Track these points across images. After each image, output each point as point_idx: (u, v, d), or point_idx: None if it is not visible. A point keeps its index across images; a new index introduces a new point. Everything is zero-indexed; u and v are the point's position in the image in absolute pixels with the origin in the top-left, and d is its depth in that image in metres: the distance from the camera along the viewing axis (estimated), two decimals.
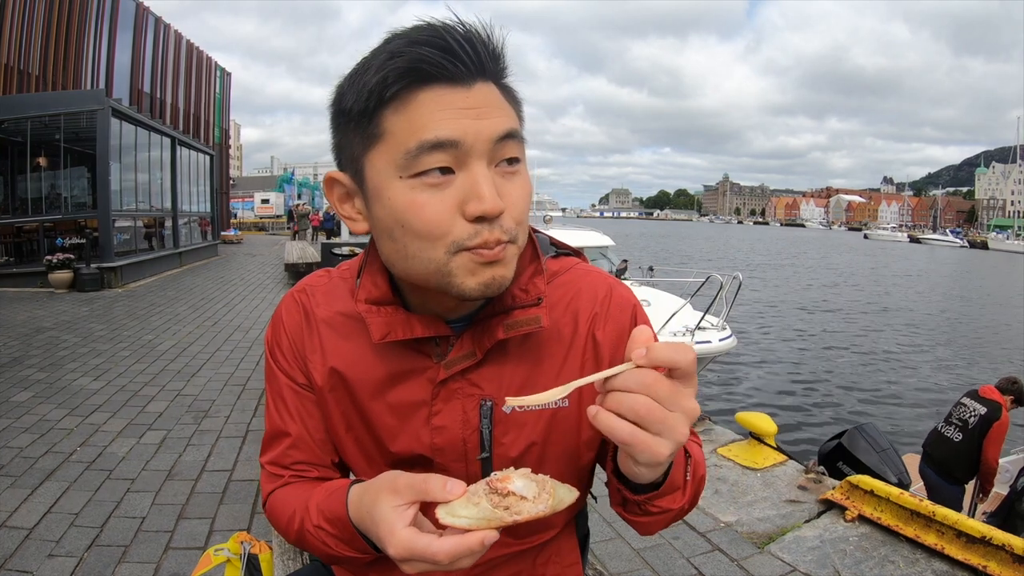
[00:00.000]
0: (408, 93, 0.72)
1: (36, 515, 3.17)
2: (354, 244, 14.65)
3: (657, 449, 0.62)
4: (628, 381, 0.62)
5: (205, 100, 28.55)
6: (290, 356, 0.97)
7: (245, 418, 4.75)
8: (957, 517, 3.03)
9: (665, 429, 0.62)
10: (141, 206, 14.36)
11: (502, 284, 0.78)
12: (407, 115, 0.72)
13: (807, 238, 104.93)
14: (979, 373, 12.99)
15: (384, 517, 0.68)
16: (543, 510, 0.64)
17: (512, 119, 0.78)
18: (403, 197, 0.74)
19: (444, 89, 0.72)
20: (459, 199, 0.73)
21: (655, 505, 0.78)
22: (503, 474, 0.67)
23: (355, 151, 0.77)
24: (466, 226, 0.73)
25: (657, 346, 0.62)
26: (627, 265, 11.28)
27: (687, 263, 28.82)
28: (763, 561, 2.98)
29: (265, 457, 0.99)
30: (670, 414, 0.62)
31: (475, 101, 0.73)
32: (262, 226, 39.54)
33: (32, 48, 16.00)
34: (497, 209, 0.73)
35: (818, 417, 9.74)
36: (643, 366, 0.62)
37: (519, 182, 0.78)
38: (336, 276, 0.99)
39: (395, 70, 0.71)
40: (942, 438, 4.95)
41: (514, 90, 0.82)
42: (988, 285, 35.35)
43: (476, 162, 0.73)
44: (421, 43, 0.71)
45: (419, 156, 0.71)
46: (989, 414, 4.68)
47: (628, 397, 0.62)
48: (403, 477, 0.70)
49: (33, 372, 5.79)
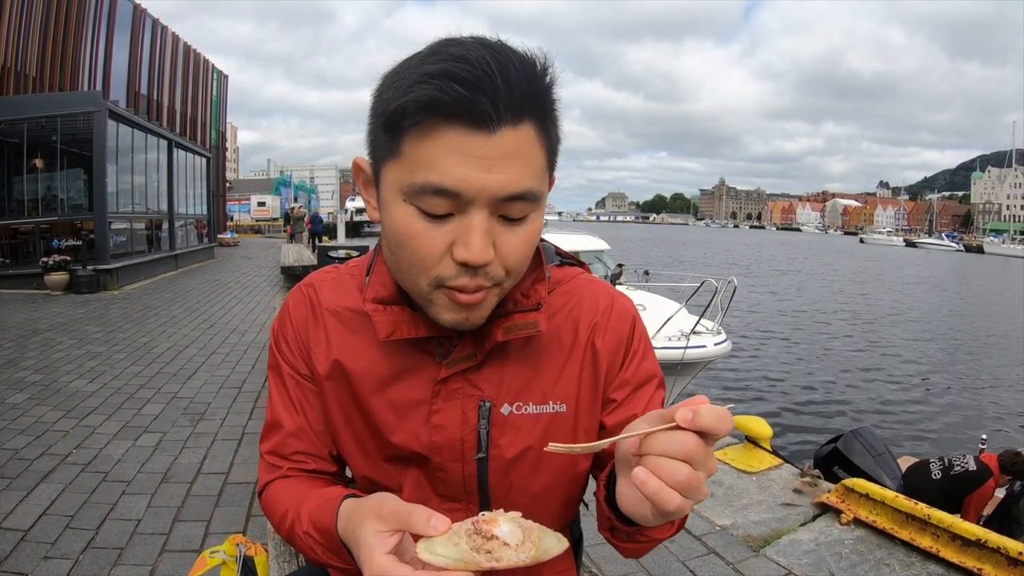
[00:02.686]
0: (428, 125, 0.69)
1: (32, 517, 3.16)
2: (351, 247, 14.65)
3: (685, 509, 0.61)
4: (671, 446, 0.60)
5: (202, 102, 28.51)
6: (295, 347, 0.98)
7: (241, 420, 4.74)
8: (952, 520, 3.04)
9: (697, 494, 0.61)
10: (137, 208, 14.34)
11: (475, 324, 0.82)
12: (421, 146, 0.70)
13: (803, 242, 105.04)
14: (975, 377, 13.03)
15: (367, 541, 0.69)
16: (524, 560, 0.64)
17: (531, 174, 0.74)
18: (403, 219, 0.75)
19: (464, 130, 0.69)
20: (451, 239, 0.74)
21: (644, 535, 0.78)
22: (491, 515, 0.67)
23: (379, 153, 0.77)
24: (451, 265, 0.75)
25: (703, 411, 0.60)
26: (623, 269, 11.29)
27: (683, 267, 28.85)
28: (759, 564, 2.99)
29: (265, 445, 1.01)
30: (703, 477, 0.61)
31: (492, 151, 0.69)
32: (258, 229, 39.49)
33: (29, 49, 15.97)
34: (481, 261, 0.73)
35: (813, 421, 9.76)
36: (686, 428, 0.60)
37: (523, 232, 0.77)
38: (345, 272, 1.01)
39: (416, 101, 0.68)
40: (925, 468, 4.80)
41: (557, 127, 0.78)
42: (984, 289, 35.47)
43: (476, 211, 0.72)
44: (450, 76, 0.67)
45: (422, 193, 0.71)
46: (977, 475, 4.52)
47: (672, 465, 0.60)
48: (390, 504, 0.70)
49: (29, 374, 5.77)
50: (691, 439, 0.60)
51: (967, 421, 10.11)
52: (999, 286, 37.89)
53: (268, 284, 13.74)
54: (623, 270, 11.40)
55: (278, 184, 51.48)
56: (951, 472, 4.59)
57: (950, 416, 10.42)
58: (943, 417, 10.35)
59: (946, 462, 4.69)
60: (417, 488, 0.95)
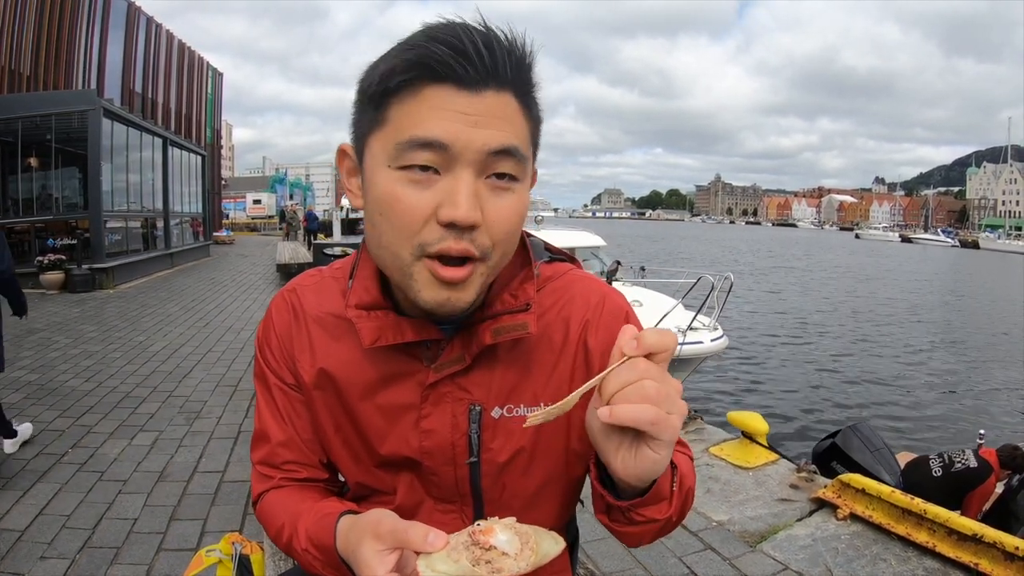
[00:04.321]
0: (415, 87, 0.72)
1: (28, 517, 3.16)
2: (346, 245, 14.63)
3: (675, 423, 0.64)
4: (625, 374, 0.64)
5: (197, 100, 28.49)
6: (279, 356, 0.97)
7: (237, 419, 4.74)
8: (948, 515, 3.05)
9: (672, 405, 0.64)
10: (133, 207, 14.31)
11: (457, 307, 0.78)
12: (408, 108, 0.72)
13: (799, 238, 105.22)
14: (973, 372, 13.07)
15: (367, 561, 0.69)
16: (524, 568, 0.64)
17: (516, 135, 0.75)
18: (387, 186, 0.74)
19: (449, 90, 0.71)
20: (437, 201, 0.73)
21: (640, 514, 0.77)
22: (487, 525, 0.67)
23: (363, 130, 0.78)
24: (436, 229, 0.73)
25: (645, 334, 0.64)
26: (618, 266, 11.28)
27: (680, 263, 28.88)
28: (755, 559, 2.99)
29: (255, 455, 1.00)
30: (671, 390, 0.64)
31: (477, 108, 0.72)
32: (254, 227, 39.42)
33: (23, 48, 15.93)
34: (469, 220, 0.72)
35: (811, 417, 9.76)
36: (635, 355, 0.64)
37: (509, 200, 0.77)
38: (328, 276, 0.99)
39: (405, 61, 0.71)
40: (925, 465, 4.79)
41: (537, 106, 0.80)
42: (981, 285, 35.54)
43: (462, 169, 0.72)
44: (437, 40, 0.71)
45: (408, 150, 0.72)
46: (978, 472, 4.53)
47: (634, 386, 0.63)
48: (387, 522, 0.70)
49: (24, 374, 5.76)
50: (641, 361, 0.64)
51: (965, 416, 10.12)
52: (996, 282, 37.96)
53: (264, 282, 13.73)
54: (619, 267, 11.38)
55: (273, 182, 51.48)
56: (952, 469, 4.58)
57: (948, 411, 10.43)
58: (941, 412, 10.36)
59: (946, 459, 4.68)
60: (410, 492, 0.94)
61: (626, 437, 0.67)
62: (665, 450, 0.67)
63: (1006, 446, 4.83)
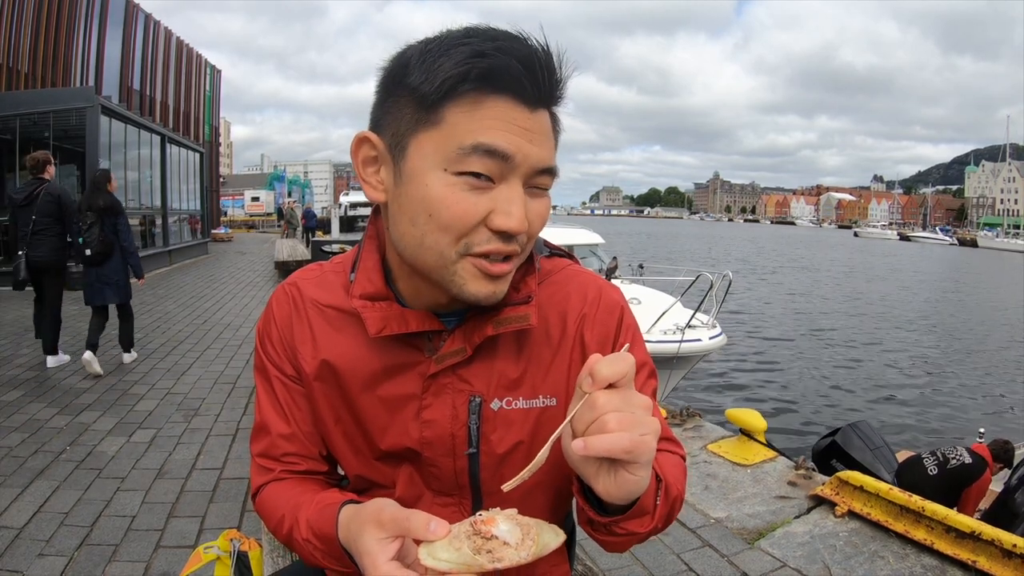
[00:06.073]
0: (479, 94, 0.74)
1: (26, 514, 3.15)
2: (344, 242, 14.61)
3: (650, 443, 0.65)
4: (587, 413, 0.65)
5: (195, 97, 28.45)
6: (280, 348, 0.97)
7: (235, 416, 4.73)
8: (946, 512, 3.05)
9: (642, 427, 0.65)
10: (131, 204, 14.25)
11: (499, 297, 0.82)
12: (472, 114, 0.74)
13: (797, 236, 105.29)
14: (973, 370, 13.08)
15: (368, 549, 0.70)
16: (525, 557, 0.65)
17: (553, 154, 0.81)
18: (440, 189, 0.75)
19: (510, 103, 0.74)
20: (489, 208, 0.76)
21: (621, 527, 0.78)
22: (488, 515, 0.68)
23: (404, 126, 0.78)
24: (483, 232, 0.77)
25: (598, 368, 0.65)
26: (617, 263, 11.28)
27: (679, 261, 28.89)
28: (753, 557, 2.99)
29: (255, 448, 1.00)
30: (637, 412, 0.65)
31: (533, 125, 0.76)
32: (252, 224, 39.42)
33: (21, 45, 15.90)
34: (522, 230, 0.77)
35: (810, 415, 9.78)
36: (592, 392, 0.65)
37: (543, 204, 0.82)
38: (328, 270, 1.00)
39: (478, 70, 0.72)
40: (919, 464, 4.81)
41: (560, 121, 0.84)
42: (979, 282, 35.61)
43: (516, 180, 0.76)
44: (509, 53, 0.73)
45: (470, 156, 0.74)
46: (974, 467, 4.56)
47: (600, 422, 0.64)
48: (388, 510, 0.72)
49: (22, 371, 5.75)
50: (600, 395, 0.65)
51: (964, 413, 10.15)
52: (994, 280, 38.03)
53: (262, 279, 13.72)
54: (618, 264, 11.37)
55: (272, 179, 51.49)
56: (948, 466, 4.60)
57: (948, 409, 10.45)
58: (941, 410, 10.38)
59: (940, 456, 4.70)
60: (410, 484, 0.95)
61: (604, 463, 0.68)
62: (644, 471, 0.68)
63: (996, 440, 4.91)
